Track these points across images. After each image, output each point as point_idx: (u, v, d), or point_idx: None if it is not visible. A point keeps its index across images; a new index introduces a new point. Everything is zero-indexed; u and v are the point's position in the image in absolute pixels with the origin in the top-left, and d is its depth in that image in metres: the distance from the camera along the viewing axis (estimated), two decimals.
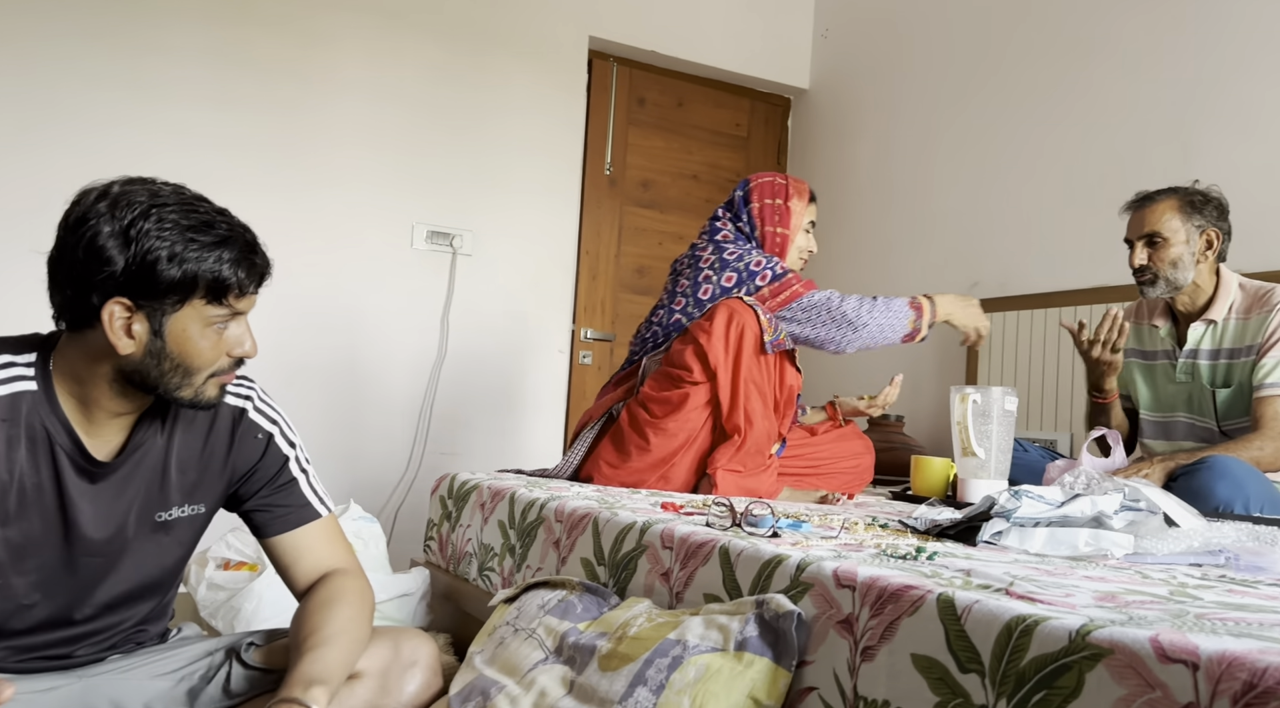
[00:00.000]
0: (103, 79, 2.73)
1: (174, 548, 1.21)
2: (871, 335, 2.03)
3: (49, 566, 1.11)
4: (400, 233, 3.15)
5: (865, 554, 1.12)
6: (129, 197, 1.03)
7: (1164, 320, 2.14)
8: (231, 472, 1.23)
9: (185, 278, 1.03)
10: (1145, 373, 2.19)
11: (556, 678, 1.16)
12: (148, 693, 1.17)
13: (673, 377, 1.94)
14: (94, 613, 1.16)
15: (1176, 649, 0.67)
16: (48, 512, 1.09)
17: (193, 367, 1.08)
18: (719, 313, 1.90)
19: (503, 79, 3.31)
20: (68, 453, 1.09)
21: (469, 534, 1.92)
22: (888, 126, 3.56)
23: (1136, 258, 2.04)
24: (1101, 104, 2.79)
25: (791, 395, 1.98)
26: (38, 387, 1.07)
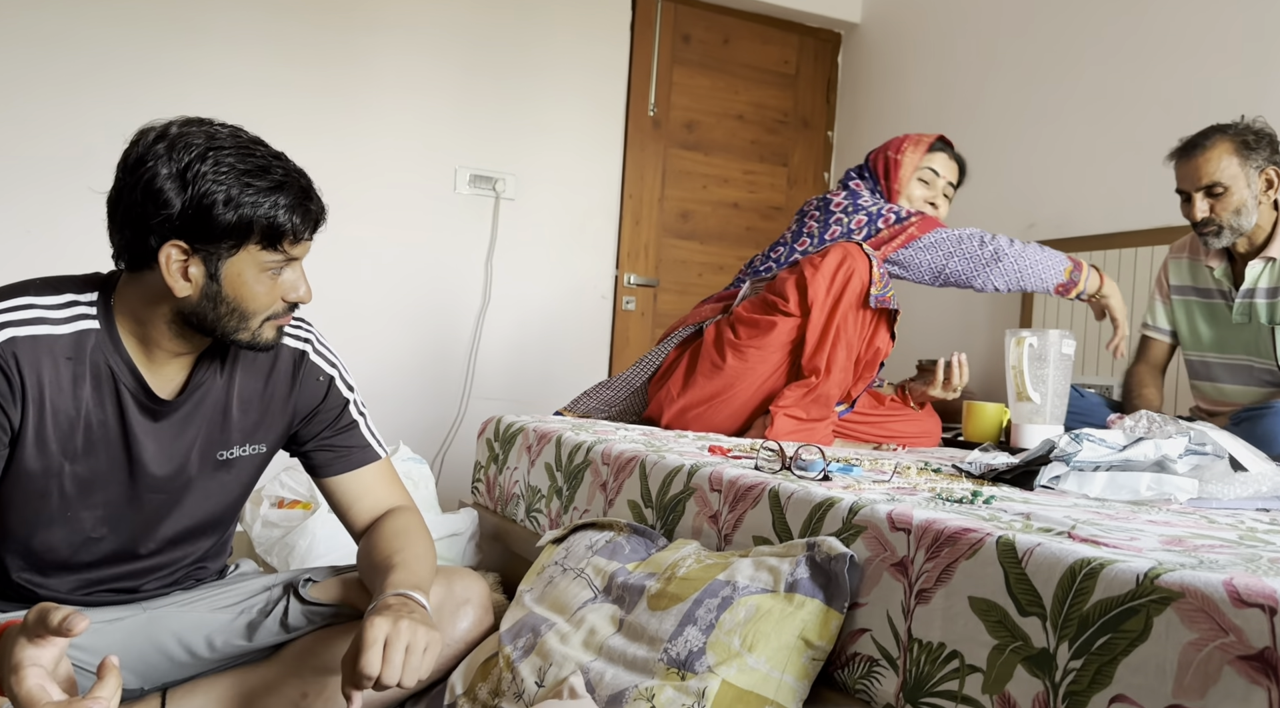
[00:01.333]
0: (149, 23, 2.73)
1: (234, 486, 1.23)
2: (1017, 271, 1.94)
3: (115, 501, 1.13)
4: (443, 177, 3.14)
5: (919, 498, 1.10)
6: (186, 138, 1.03)
7: (1219, 261, 2.05)
8: (293, 413, 1.24)
9: (241, 223, 1.03)
10: (1203, 312, 2.11)
11: (606, 616, 1.17)
12: (208, 626, 1.20)
13: (768, 302, 1.88)
14: (158, 548, 1.19)
15: (1253, 593, 0.65)
16: (113, 448, 1.11)
17: (248, 310, 1.08)
18: (833, 252, 1.84)
19: (545, 18, 3.25)
20: (131, 391, 1.10)
21: (516, 476, 1.93)
22: (942, 63, 3.44)
23: (1197, 211, 1.94)
24: (1163, 40, 2.66)
25: (876, 358, 1.91)
26: (100, 325, 1.09)
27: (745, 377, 1.87)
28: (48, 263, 2.55)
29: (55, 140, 2.64)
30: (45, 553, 1.13)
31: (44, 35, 2.62)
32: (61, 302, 1.08)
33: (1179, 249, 2.19)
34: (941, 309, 3.32)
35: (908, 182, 2.12)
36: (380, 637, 0.99)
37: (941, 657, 0.88)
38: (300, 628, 1.22)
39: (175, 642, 1.18)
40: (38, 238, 2.61)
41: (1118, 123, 2.79)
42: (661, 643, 1.04)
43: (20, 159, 2.61)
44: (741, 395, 1.88)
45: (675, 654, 1.02)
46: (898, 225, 1.99)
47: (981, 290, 1.98)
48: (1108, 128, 2.82)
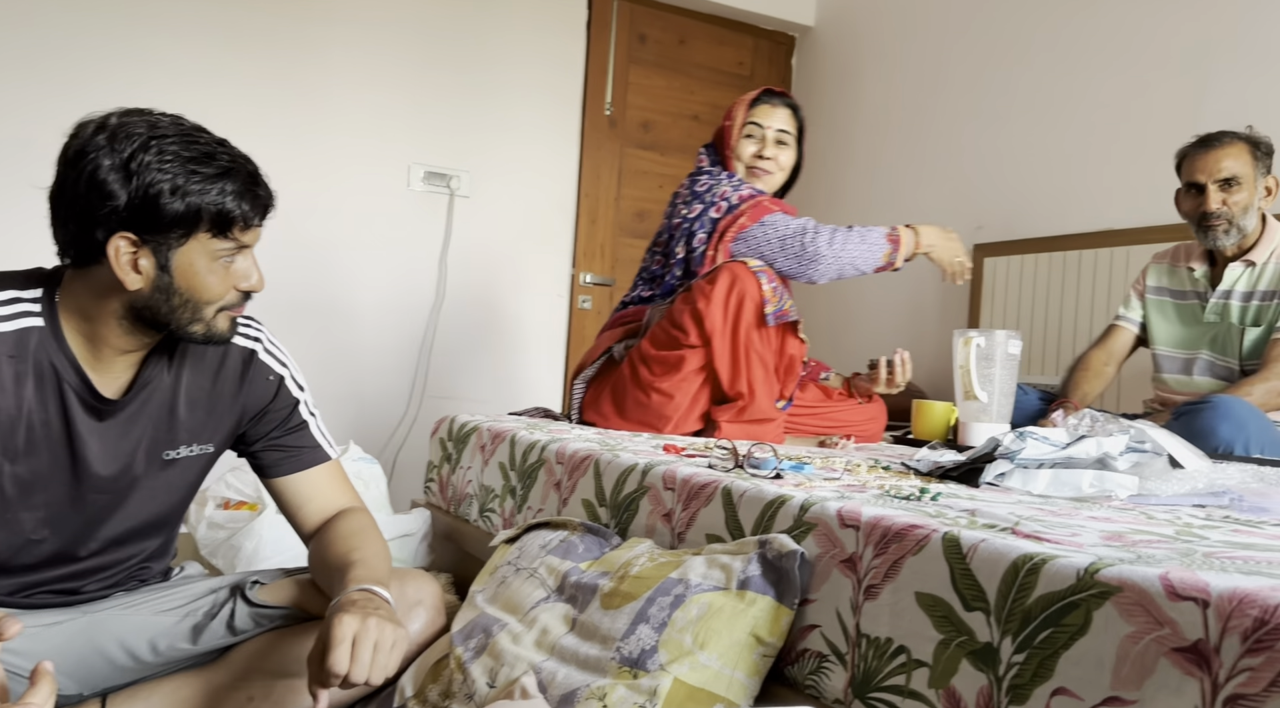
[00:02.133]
0: (93, 8, 2.65)
1: (180, 486, 1.21)
2: (838, 268, 1.96)
3: (56, 501, 1.11)
4: (397, 173, 3.10)
5: (868, 495, 1.12)
6: (128, 128, 1.01)
7: (1201, 263, 2.13)
8: (241, 412, 1.22)
9: (189, 211, 1.01)
10: (1176, 311, 2.19)
11: (558, 616, 1.16)
12: (151, 629, 1.17)
13: (671, 336, 1.90)
14: (99, 549, 1.16)
15: (1187, 587, 0.67)
16: (55, 448, 1.09)
17: (201, 300, 1.06)
18: (721, 277, 1.84)
19: (502, 16, 3.23)
20: (75, 390, 1.08)
21: (469, 476, 1.92)
22: (893, 65, 3.49)
23: (1212, 201, 1.98)
24: (1110, 43, 2.73)
25: (793, 363, 1.93)
26: (45, 323, 1.06)
27: (670, 406, 1.88)
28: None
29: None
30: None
31: None
32: (3, 299, 1.05)
33: (1161, 256, 2.28)
34: (892, 309, 3.37)
35: (737, 141, 2.10)
36: (349, 634, 0.98)
37: (889, 652, 0.89)
38: (247, 631, 1.20)
39: (116, 645, 1.15)
40: None
41: (1065, 126, 2.85)
42: (614, 642, 1.04)
43: None
44: (676, 418, 1.89)
45: (628, 653, 1.02)
46: (729, 215, 2.00)
47: (810, 283, 2.01)
48: (1055, 131, 2.88)
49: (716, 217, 2.01)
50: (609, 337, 2.10)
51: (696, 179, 2.09)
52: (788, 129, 2.12)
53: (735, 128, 2.10)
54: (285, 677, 1.17)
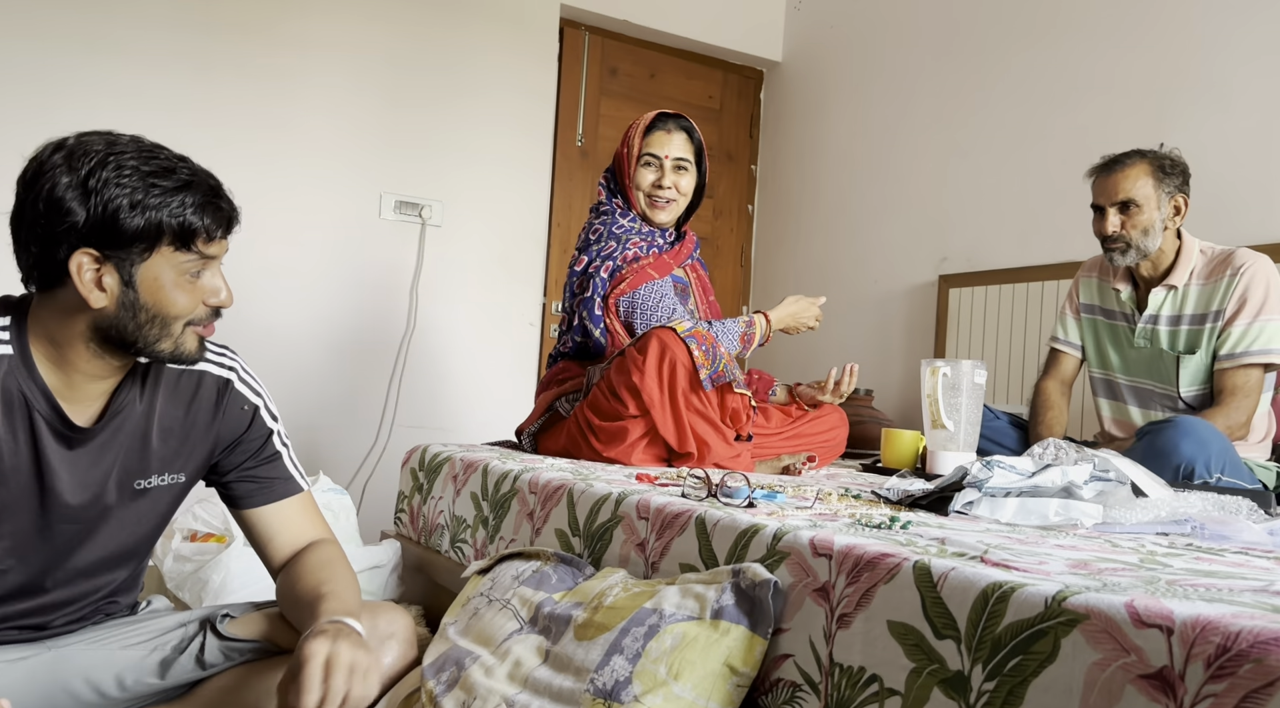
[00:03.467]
0: (57, 38, 2.64)
1: (151, 517, 1.19)
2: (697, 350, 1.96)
3: (24, 531, 1.09)
4: (368, 203, 3.10)
5: (840, 524, 1.13)
6: (85, 146, 1.01)
7: (1125, 284, 2.14)
8: (215, 441, 1.21)
9: (149, 225, 1.01)
10: (1108, 332, 2.20)
11: (531, 648, 1.16)
12: (119, 664, 1.15)
13: (612, 407, 1.86)
14: (67, 580, 1.14)
15: (1151, 614, 0.68)
16: (23, 477, 1.07)
17: (168, 316, 1.05)
18: (651, 346, 1.81)
19: (473, 46, 3.25)
20: (46, 419, 1.06)
21: (441, 506, 1.91)
22: (859, 100, 3.56)
23: (1109, 224, 2.02)
24: (1072, 80, 2.81)
25: (736, 414, 1.91)
26: (13, 350, 1.05)
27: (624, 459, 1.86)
28: None
29: None
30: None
31: None
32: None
33: (1089, 268, 2.27)
34: (858, 341, 3.41)
35: (635, 170, 2.07)
36: (320, 657, 0.96)
37: (862, 681, 0.90)
38: (217, 665, 1.18)
39: (82, 681, 1.13)
40: None
41: (1026, 159, 2.92)
42: (588, 673, 1.04)
43: None
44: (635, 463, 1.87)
45: (602, 685, 1.01)
46: (613, 279, 2.03)
47: None
48: (1017, 163, 2.96)
49: (605, 278, 2.03)
50: (548, 396, 2.07)
51: (591, 223, 2.10)
52: (685, 156, 2.08)
53: (631, 157, 2.07)
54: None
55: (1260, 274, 1.95)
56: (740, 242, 3.97)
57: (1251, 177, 2.38)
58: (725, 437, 1.87)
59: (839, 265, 3.56)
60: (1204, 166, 2.41)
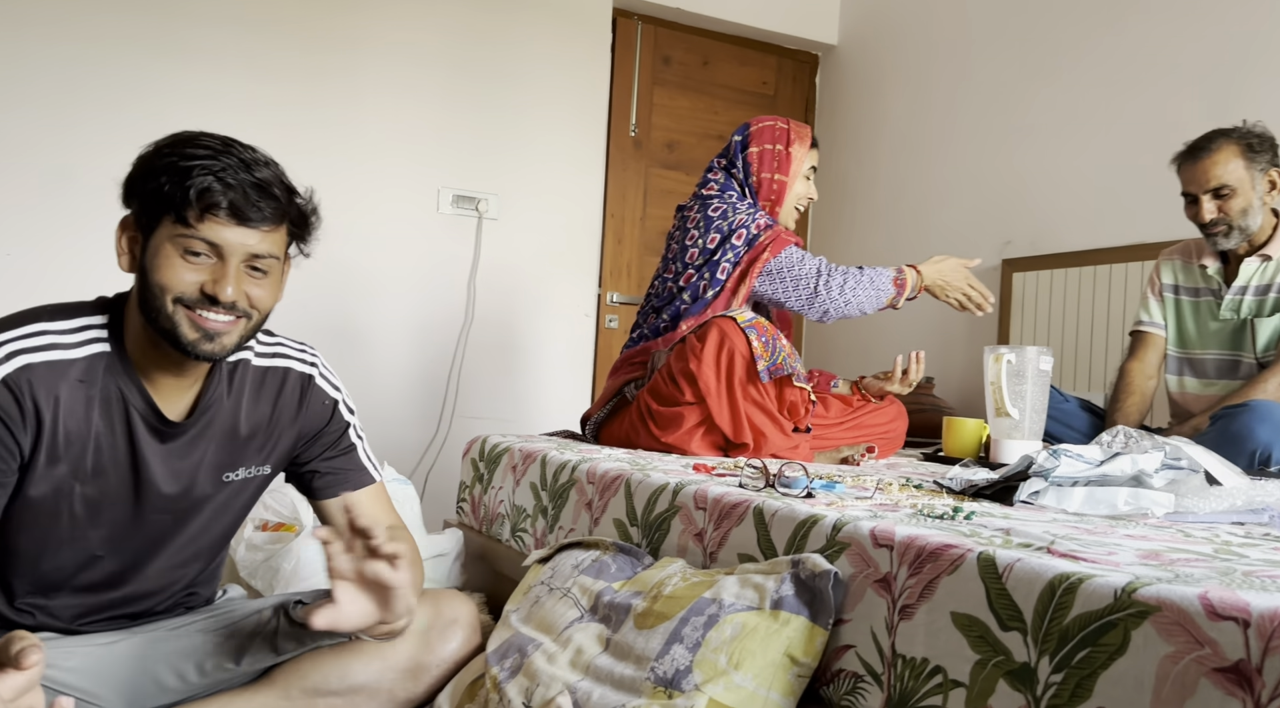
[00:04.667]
0: (129, 42, 2.72)
1: (236, 508, 1.24)
2: (845, 313, 1.99)
3: (120, 521, 1.13)
4: (426, 197, 3.15)
5: (901, 514, 1.12)
6: (183, 132, 1.07)
7: (1213, 260, 2.10)
8: (298, 434, 1.24)
9: (155, 189, 1.02)
10: (1192, 309, 2.16)
11: (592, 636, 1.17)
12: (199, 650, 1.20)
13: (669, 392, 1.88)
14: (155, 570, 1.19)
15: (1227, 606, 0.66)
16: (121, 470, 1.11)
17: (159, 285, 1.03)
18: (710, 335, 1.82)
19: (527, 39, 3.27)
20: (141, 413, 1.11)
21: (501, 496, 1.93)
22: (917, 83, 3.49)
23: (1205, 212, 1.96)
24: (1137, 57, 2.72)
25: (795, 410, 1.90)
26: (111, 348, 1.10)
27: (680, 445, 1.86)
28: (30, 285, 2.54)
29: (34, 160, 2.62)
30: (52, 574, 1.13)
31: (22, 55, 2.61)
32: (73, 326, 1.08)
33: (1171, 253, 2.23)
34: (920, 328, 3.36)
35: (796, 177, 2.12)
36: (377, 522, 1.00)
37: (925, 672, 0.89)
38: (290, 650, 1.22)
39: (166, 667, 1.18)
40: (18, 259, 2.59)
41: (1091, 140, 2.84)
42: (648, 662, 1.05)
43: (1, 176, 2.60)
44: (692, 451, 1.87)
45: (662, 673, 1.02)
46: (752, 249, 2.01)
47: (820, 321, 2.03)
48: (1082, 145, 2.87)
49: (739, 246, 2.01)
50: (617, 380, 2.09)
51: (709, 202, 2.08)
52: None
53: (796, 166, 2.12)
54: (327, 695, 1.19)
55: None
56: (796, 229, 3.94)
57: None
58: (782, 428, 1.86)
59: (898, 251, 3.51)
60: None
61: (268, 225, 1.06)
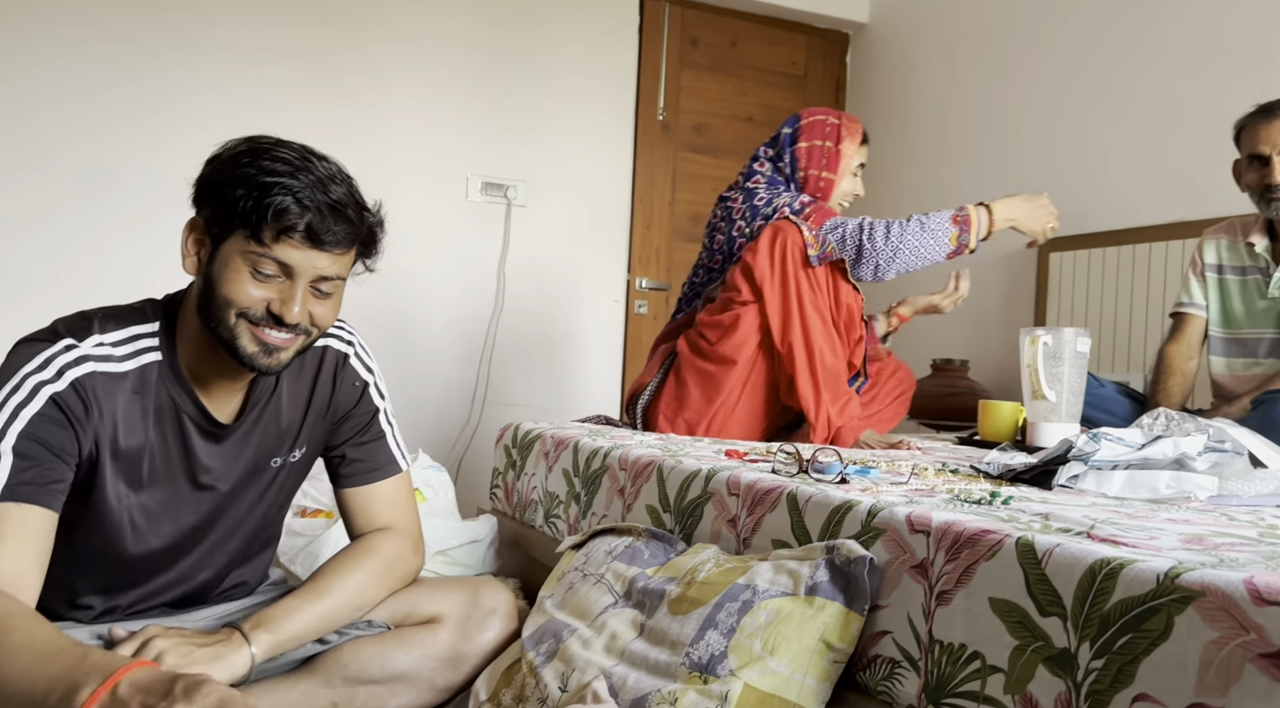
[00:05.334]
0: (158, 39, 2.75)
1: (285, 492, 1.26)
2: (904, 261, 1.92)
3: (183, 525, 1.16)
4: (455, 185, 3.16)
5: (938, 500, 1.11)
6: (260, 138, 1.06)
7: (1261, 237, 2.06)
8: (333, 414, 1.25)
9: (230, 201, 1.01)
10: (1238, 288, 2.11)
11: (627, 621, 1.18)
12: None
13: (723, 301, 1.93)
14: (211, 562, 1.22)
15: (1273, 591, 0.65)
16: (178, 476, 1.13)
17: (223, 298, 1.03)
18: (765, 233, 1.90)
19: (553, 24, 3.26)
20: (193, 419, 1.12)
21: (534, 482, 1.95)
22: (952, 61, 3.44)
23: (1277, 173, 1.91)
24: (1182, 33, 2.65)
25: (852, 317, 1.91)
26: (163, 357, 1.10)
27: (730, 377, 1.88)
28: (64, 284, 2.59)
29: (69, 160, 2.66)
30: (117, 577, 1.16)
31: (54, 56, 2.65)
32: (125, 337, 1.09)
33: (1215, 231, 2.19)
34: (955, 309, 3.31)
35: (845, 175, 2.11)
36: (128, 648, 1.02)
37: (963, 658, 0.89)
38: (330, 640, 1.23)
39: None
40: (55, 260, 2.63)
41: (1130, 119, 2.78)
42: (683, 647, 1.05)
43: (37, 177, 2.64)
44: (737, 400, 1.88)
45: (697, 658, 1.02)
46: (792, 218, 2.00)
47: (876, 280, 1.97)
48: (1120, 124, 2.81)
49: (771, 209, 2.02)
50: (663, 350, 2.11)
51: (754, 193, 2.08)
52: None
53: (846, 163, 2.11)
54: (368, 683, 1.20)
55: None
56: None
57: None
58: (831, 339, 1.88)
59: None
60: None
61: (340, 249, 1.06)
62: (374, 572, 1.22)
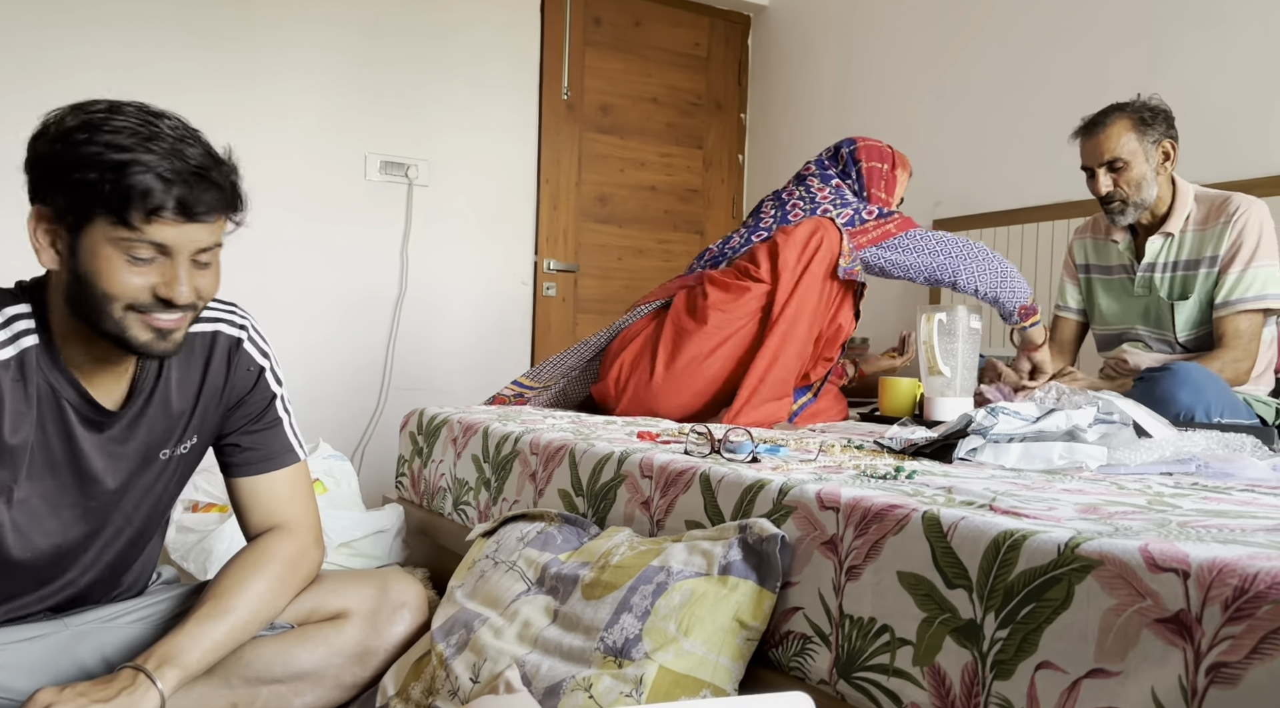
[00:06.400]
0: (35, 8, 2.56)
1: (172, 485, 1.19)
2: (999, 275, 1.97)
3: (68, 520, 1.08)
4: (353, 164, 3.05)
5: (845, 476, 1.12)
6: (90, 105, 0.96)
7: (1122, 234, 2.14)
8: (227, 401, 1.19)
9: (83, 183, 0.92)
10: (1105, 287, 2.20)
11: (540, 608, 1.16)
12: (131, 640, 1.15)
13: (740, 268, 1.91)
14: (95, 560, 1.14)
15: (1167, 558, 0.68)
16: (63, 471, 1.06)
17: (103, 293, 0.95)
18: (806, 223, 1.89)
19: (453, 1, 3.17)
20: (75, 406, 1.04)
21: (442, 469, 1.90)
22: (848, 44, 3.49)
23: (1101, 186, 2.01)
24: (1064, 16, 2.76)
25: (838, 335, 1.94)
26: (38, 341, 1.02)
27: (712, 339, 1.87)
28: None
29: None
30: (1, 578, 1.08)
31: None
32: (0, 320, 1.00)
33: (1082, 230, 2.28)
34: None
35: (896, 199, 2.17)
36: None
37: (872, 631, 0.90)
38: None
39: (98, 658, 1.13)
40: None
41: (1018, 101, 2.88)
42: (598, 632, 1.04)
43: None
44: (706, 366, 1.87)
45: (612, 643, 1.02)
46: (879, 219, 2.04)
47: (962, 290, 2.01)
48: (1008, 106, 2.91)
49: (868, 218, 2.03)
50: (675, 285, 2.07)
51: (817, 192, 2.10)
52: None
53: (900, 190, 2.18)
54: (270, 682, 1.16)
55: (1254, 220, 1.95)
56: (731, 192, 3.93)
57: (1248, 109, 2.35)
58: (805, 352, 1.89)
59: None
60: (1201, 99, 2.37)
61: (214, 216, 1.00)
62: (276, 578, 1.16)
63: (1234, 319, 1.95)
